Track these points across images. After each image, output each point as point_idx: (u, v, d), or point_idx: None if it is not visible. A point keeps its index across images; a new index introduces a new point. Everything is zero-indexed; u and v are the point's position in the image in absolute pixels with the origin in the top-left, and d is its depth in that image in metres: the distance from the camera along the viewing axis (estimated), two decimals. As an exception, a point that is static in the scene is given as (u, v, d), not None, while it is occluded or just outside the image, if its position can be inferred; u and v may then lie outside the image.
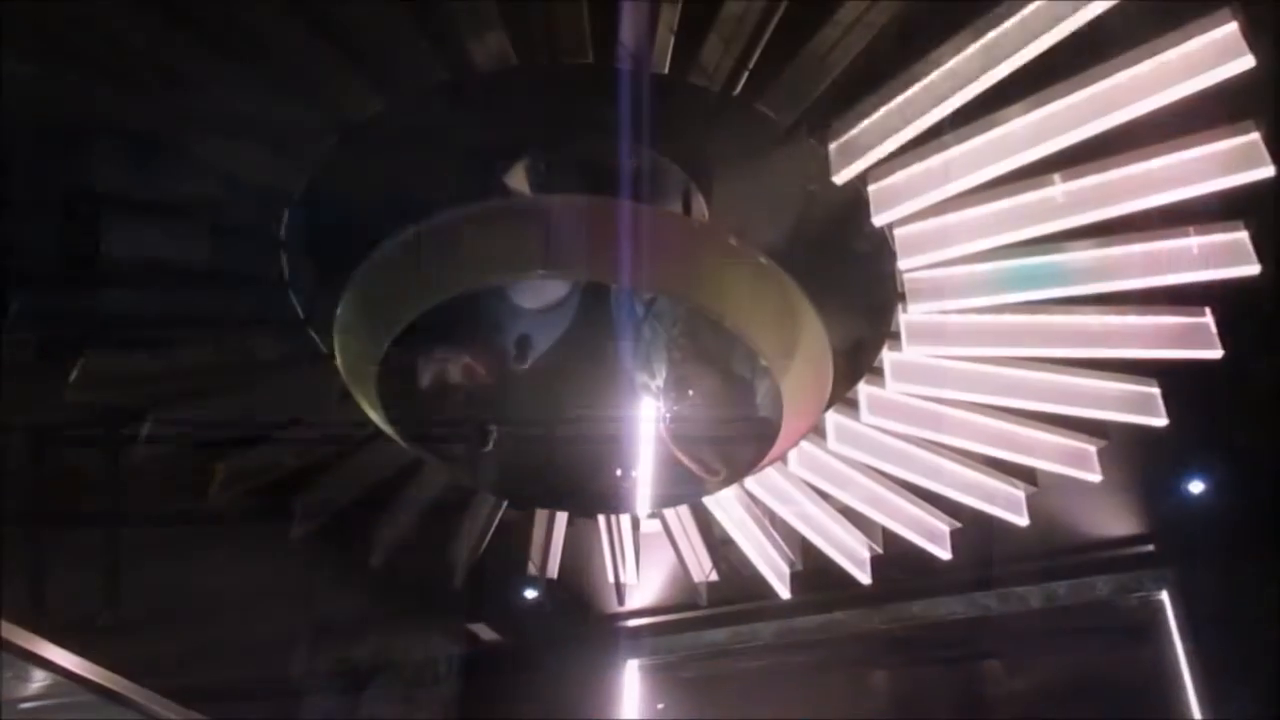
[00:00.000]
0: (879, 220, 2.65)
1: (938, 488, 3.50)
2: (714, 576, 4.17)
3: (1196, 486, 4.10)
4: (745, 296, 2.46)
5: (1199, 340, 2.82)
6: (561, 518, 3.92)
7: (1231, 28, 2.20)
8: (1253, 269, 2.59)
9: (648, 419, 2.92)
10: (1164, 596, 4.53)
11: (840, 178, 2.54)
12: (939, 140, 2.51)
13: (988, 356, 3.07)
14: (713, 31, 2.33)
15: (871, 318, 3.06)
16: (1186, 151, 2.47)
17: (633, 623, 5.34)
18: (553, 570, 4.12)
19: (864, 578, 3.86)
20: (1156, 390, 3.07)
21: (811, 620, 5.04)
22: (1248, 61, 2.19)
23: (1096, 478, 3.34)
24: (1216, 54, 2.21)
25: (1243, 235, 2.61)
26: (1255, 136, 2.41)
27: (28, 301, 2.93)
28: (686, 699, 5.29)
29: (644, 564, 4.22)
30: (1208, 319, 2.83)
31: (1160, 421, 3.06)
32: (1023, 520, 3.52)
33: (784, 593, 4.01)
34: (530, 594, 4.74)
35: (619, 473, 3.06)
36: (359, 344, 2.60)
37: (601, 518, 3.88)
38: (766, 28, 2.26)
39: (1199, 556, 4.42)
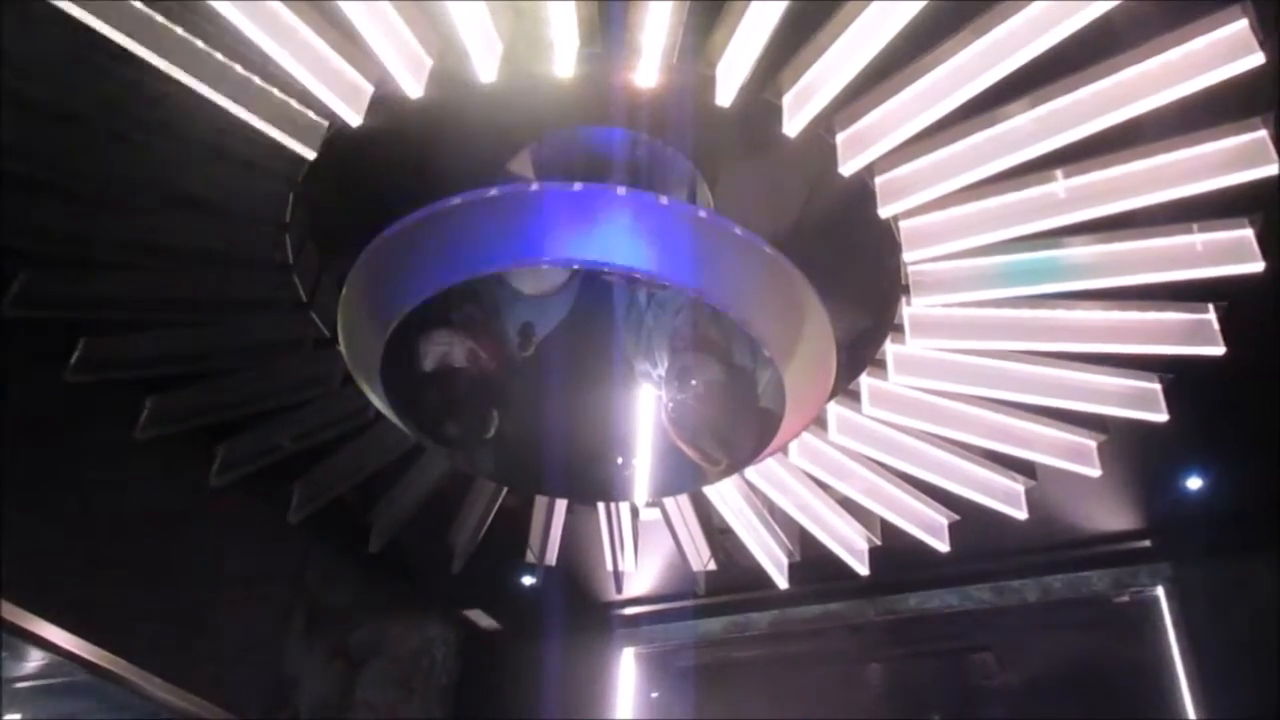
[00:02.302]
0: (885, 212, 2.64)
1: (937, 480, 3.50)
2: (712, 566, 4.18)
3: (1194, 483, 4.10)
4: (749, 286, 2.45)
5: (1202, 337, 2.83)
6: (561, 505, 3.92)
7: (1241, 24, 2.19)
8: (1257, 266, 2.59)
9: (649, 407, 2.92)
10: (1159, 592, 4.55)
11: (847, 169, 2.54)
12: (946, 133, 2.51)
13: (990, 350, 3.08)
14: (720, 22, 2.33)
15: (875, 310, 3.06)
16: (1193, 148, 2.46)
17: (630, 610, 5.37)
18: (551, 557, 4.12)
19: (862, 569, 3.87)
20: (1158, 386, 3.08)
21: (808, 610, 5.07)
22: (1257, 58, 2.18)
23: (1096, 472, 3.34)
24: (1226, 51, 2.21)
25: (1248, 232, 2.61)
26: (1263, 134, 2.40)
27: (29, 282, 2.93)
28: (682, 687, 5.32)
29: (642, 552, 4.22)
30: (1211, 316, 2.83)
31: (1161, 417, 3.06)
32: (1021, 514, 3.52)
33: (782, 583, 4.01)
34: (528, 581, 4.75)
35: (619, 461, 3.06)
36: (362, 328, 2.60)
37: (601, 505, 3.89)
38: (774, 18, 2.26)
39: (1195, 552, 4.44)
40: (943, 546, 3.71)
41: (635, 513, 3.98)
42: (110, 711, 3.87)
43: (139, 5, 2.25)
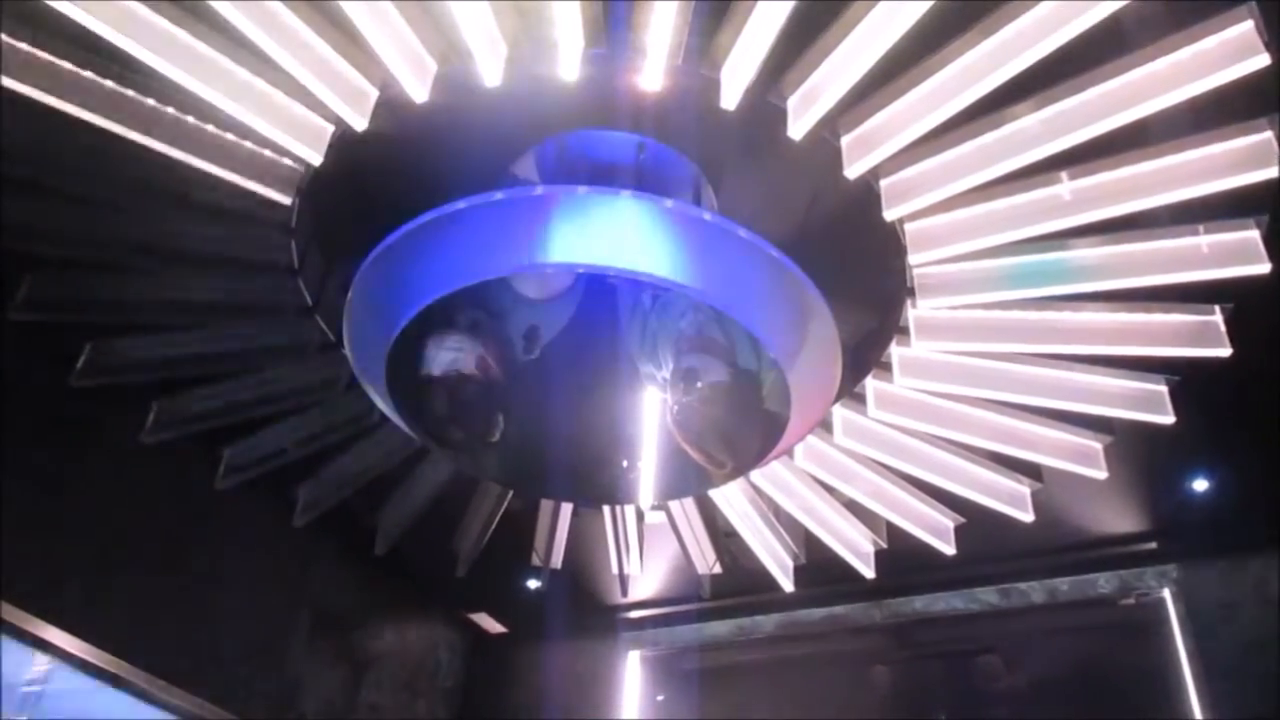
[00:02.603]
0: (890, 215, 2.64)
1: (943, 483, 3.50)
2: (717, 569, 4.17)
3: (1201, 484, 4.09)
4: (754, 289, 2.45)
5: (1208, 339, 2.82)
6: (566, 508, 3.92)
7: (1247, 26, 2.19)
8: (1263, 268, 2.58)
9: (654, 411, 2.92)
10: (1165, 594, 4.53)
11: (852, 172, 2.54)
12: (952, 135, 2.50)
13: (996, 352, 3.07)
14: (725, 23, 2.33)
15: (881, 312, 3.06)
16: (1199, 149, 2.46)
17: (635, 614, 5.36)
18: (556, 560, 4.12)
19: (868, 572, 3.86)
20: (1164, 388, 3.07)
21: (814, 613, 5.06)
22: (1263, 60, 2.18)
23: (1102, 474, 3.34)
24: (1232, 52, 2.21)
25: (1254, 234, 2.60)
26: (1268, 135, 2.40)
27: (35, 286, 2.93)
28: (687, 690, 5.30)
29: (648, 555, 4.22)
30: (1217, 317, 2.82)
31: (1167, 419, 3.06)
32: (1027, 516, 3.51)
33: (787, 586, 4.00)
34: (533, 584, 4.74)
35: (625, 464, 3.06)
36: (367, 332, 2.59)
37: (606, 509, 3.88)
38: (780, 20, 2.26)
39: (1202, 554, 4.43)
40: (948, 549, 3.70)
41: (640, 516, 3.97)
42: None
43: (142, 9, 2.25)
